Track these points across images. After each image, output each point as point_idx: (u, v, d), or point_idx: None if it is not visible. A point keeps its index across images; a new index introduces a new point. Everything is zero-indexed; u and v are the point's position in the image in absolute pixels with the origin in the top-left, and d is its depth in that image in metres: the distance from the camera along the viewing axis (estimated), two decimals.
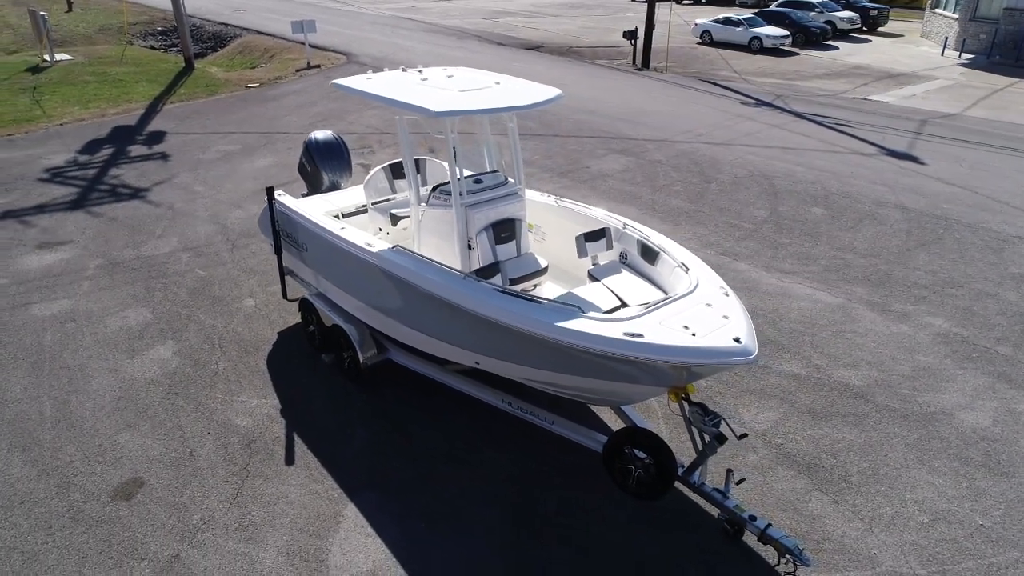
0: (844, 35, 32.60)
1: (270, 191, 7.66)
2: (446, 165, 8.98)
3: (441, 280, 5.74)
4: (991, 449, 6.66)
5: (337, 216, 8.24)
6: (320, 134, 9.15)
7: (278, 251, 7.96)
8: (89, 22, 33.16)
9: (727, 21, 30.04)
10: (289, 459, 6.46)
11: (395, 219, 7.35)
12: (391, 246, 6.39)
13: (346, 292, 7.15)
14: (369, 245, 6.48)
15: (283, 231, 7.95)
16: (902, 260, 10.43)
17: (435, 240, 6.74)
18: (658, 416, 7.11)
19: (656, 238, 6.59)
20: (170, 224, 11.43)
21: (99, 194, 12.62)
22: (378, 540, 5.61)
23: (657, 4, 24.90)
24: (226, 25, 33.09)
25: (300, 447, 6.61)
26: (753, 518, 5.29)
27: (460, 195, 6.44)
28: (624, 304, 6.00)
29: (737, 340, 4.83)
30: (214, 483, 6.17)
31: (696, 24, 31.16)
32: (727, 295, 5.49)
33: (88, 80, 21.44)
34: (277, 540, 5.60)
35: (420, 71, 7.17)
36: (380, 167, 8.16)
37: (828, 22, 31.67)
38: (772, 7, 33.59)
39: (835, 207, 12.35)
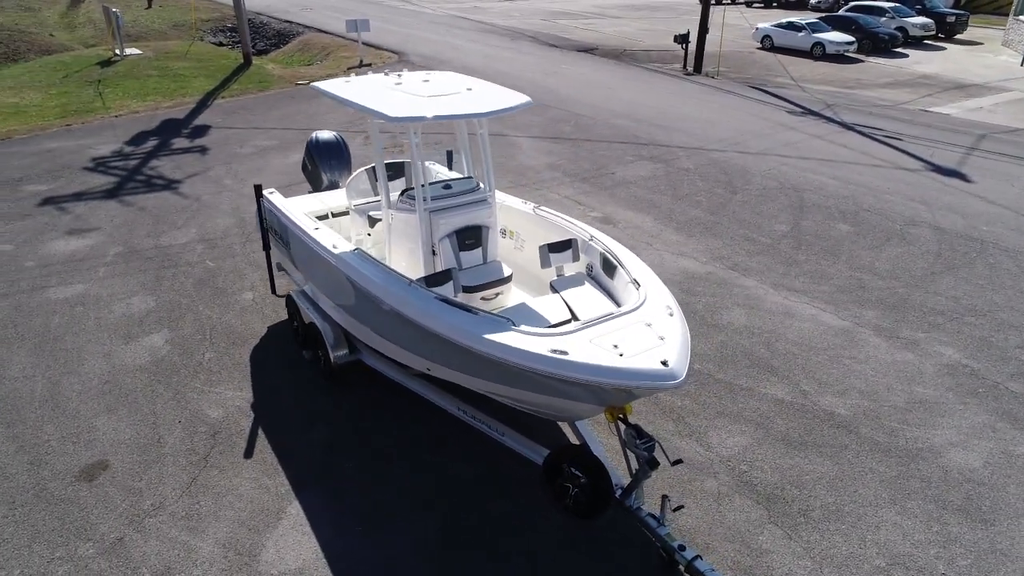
0: (917, 42, 31.06)
1: (258, 188, 7.86)
2: (434, 167, 9.01)
3: (385, 285, 5.77)
4: (975, 493, 6.22)
5: (327, 216, 8.40)
6: (322, 134, 9.33)
7: (266, 247, 8.16)
8: (165, 19, 34.75)
9: (789, 26, 29.06)
10: (248, 452, 6.61)
11: (372, 221, 7.42)
12: (352, 248, 6.46)
13: (320, 291, 7.28)
14: (334, 247, 6.57)
15: (271, 228, 8.14)
16: (924, 284, 9.86)
17: (402, 244, 6.77)
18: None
19: (619, 251, 6.43)
20: (193, 216, 11.86)
21: (134, 184, 13.21)
22: (313, 540, 5.68)
23: (718, 7, 24.31)
24: (290, 23, 34.12)
25: (261, 441, 6.76)
26: (683, 548, 5.10)
27: (424, 200, 6.44)
28: (574, 318, 5.89)
29: (664, 363, 4.67)
30: (173, 471, 6.37)
31: (757, 28, 30.27)
32: (671, 315, 5.31)
33: (151, 74, 22.47)
34: (217, 532, 5.73)
35: (399, 75, 7.21)
36: (363, 169, 8.24)
37: (899, 28, 30.22)
38: (841, 12, 32.31)
39: (863, 224, 11.78)
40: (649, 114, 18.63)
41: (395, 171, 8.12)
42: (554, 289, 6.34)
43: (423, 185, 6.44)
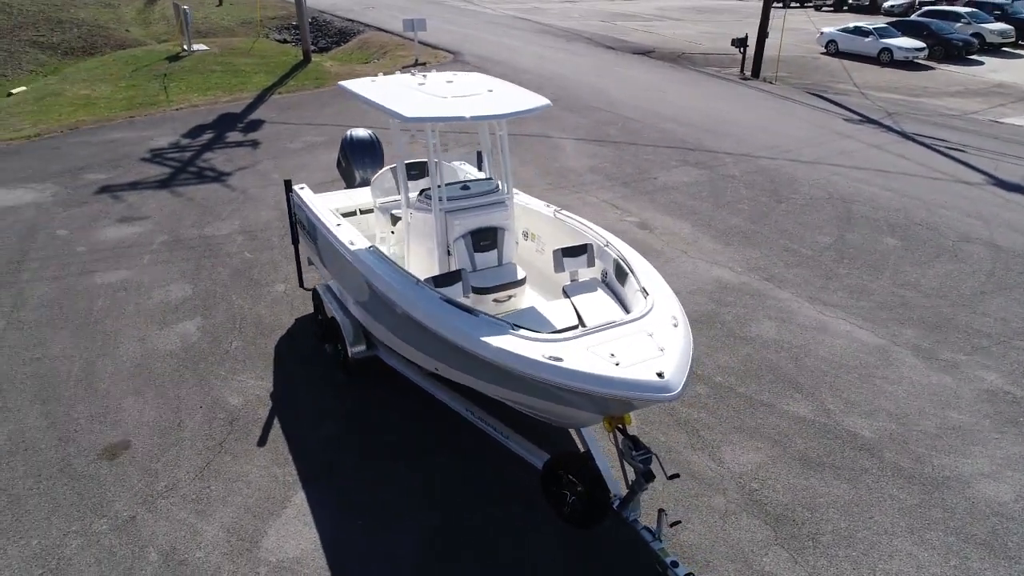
0: (995, 49, 29.58)
1: (287, 183, 8.05)
2: (463, 166, 9.05)
3: (392, 283, 5.82)
4: (1001, 528, 5.89)
5: (355, 213, 8.54)
6: (357, 132, 9.49)
7: (294, 241, 8.35)
8: (234, 16, 35.93)
9: (856, 31, 28.09)
10: (262, 441, 6.77)
11: (395, 219, 7.51)
12: (368, 246, 6.55)
13: (340, 286, 7.40)
14: (351, 243, 6.67)
15: (300, 223, 8.33)
16: (972, 304, 9.39)
17: (419, 244, 6.83)
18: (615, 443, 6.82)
19: (632, 258, 6.32)
20: (238, 208, 12.23)
21: (186, 175, 13.71)
22: (313, 530, 5.78)
23: (782, 10, 23.68)
24: (352, 21, 34.80)
25: (275, 431, 6.91)
26: (676, 564, 4.99)
27: (440, 200, 6.47)
28: (582, 324, 5.82)
29: (660, 375, 4.57)
30: (189, 454, 6.59)
31: (822, 33, 29.37)
32: (675, 326, 5.19)
33: (214, 70, 23.26)
34: (224, 516, 5.90)
35: (424, 76, 7.26)
36: (388, 167, 8.33)
37: (975, 34, 28.86)
38: (913, 16, 31.05)
39: (913, 239, 11.29)
40: (699, 119, 18.29)
41: (420, 170, 8.19)
42: (566, 294, 6.29)
43: (439, 185, 6.48)
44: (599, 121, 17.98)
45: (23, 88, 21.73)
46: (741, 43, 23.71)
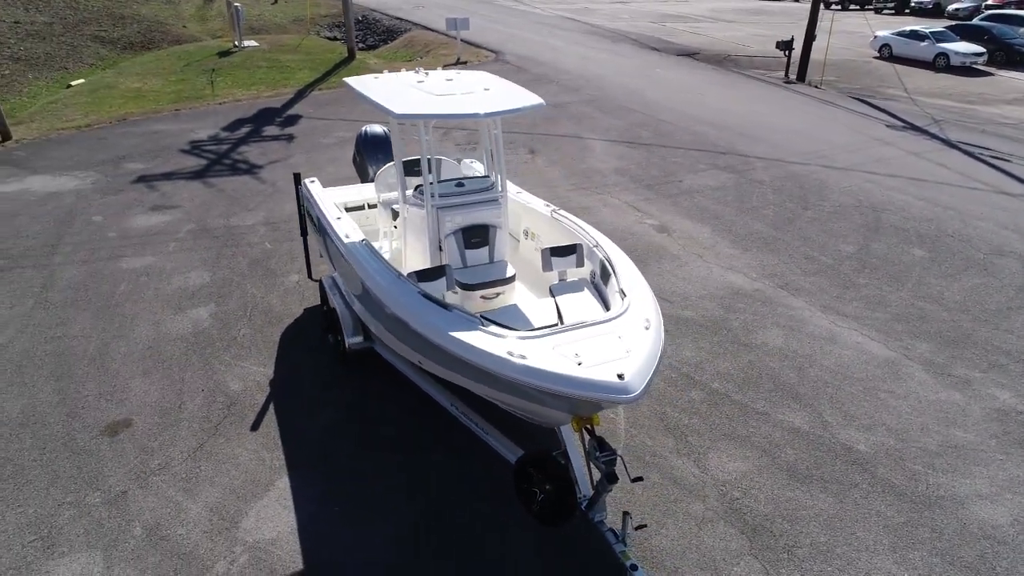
0: None
1: (296, 176, 8.26)
2: (473, 164, 9.11)
3: (375, 276, 5.93)
4: (991, 552, 5.66)
5: (363, 207, 8.70)
6: (372, 128, 9.65)
7: (303, 232, 8.56)
8: (287, 14, 36.85)
9: (912, 34, 27.15)
10: (255, 426, 6.98)
11: (396, 214, 7.63)
12: (361, 239, 6.68)
13: (341, 277, 7.56)
14: (346, 236, 6.81)
15: (310, 215, 8.54)
16: (995, 320, 9.02)
17: (414, 239, 6.93)
18: (620, 441, 6.80)
19: (617, 260, 6.29)
20: (265, 199, 12.58)
21: (220, 167, 14.16)
22: (292, 514, 5.94)
23: (840, 12, 23.06)
24: (401, 20, 35.30)
25: (270, 417, 7.11)
26: (635, 567, 4.96)
27: (432, 196, 6.55)
28: (561, 323, 5.82)
29: (620, 376, 4.55)
30: (185, 435, 6.83)
31: (876, 36, 28.48)
32: (647, 328, 5.15)
33: (261, 65, 23.92)
34: (209, 496, 6.11)
35: (426, 73, 7.35)
36: (391, 163, 8.45)
37: None
38: (975, 20, 29.84)
39: (941, 250, 10.89)
40: (735, 122, 17.97)
41: (407, 168, 8.29)
42: (552, 293, 6.30)
43: (432, 182, 6.56)
44: (632, 123, 17.84)
45: (82, 80, 22.74)
46: (786, 46, 23.17)
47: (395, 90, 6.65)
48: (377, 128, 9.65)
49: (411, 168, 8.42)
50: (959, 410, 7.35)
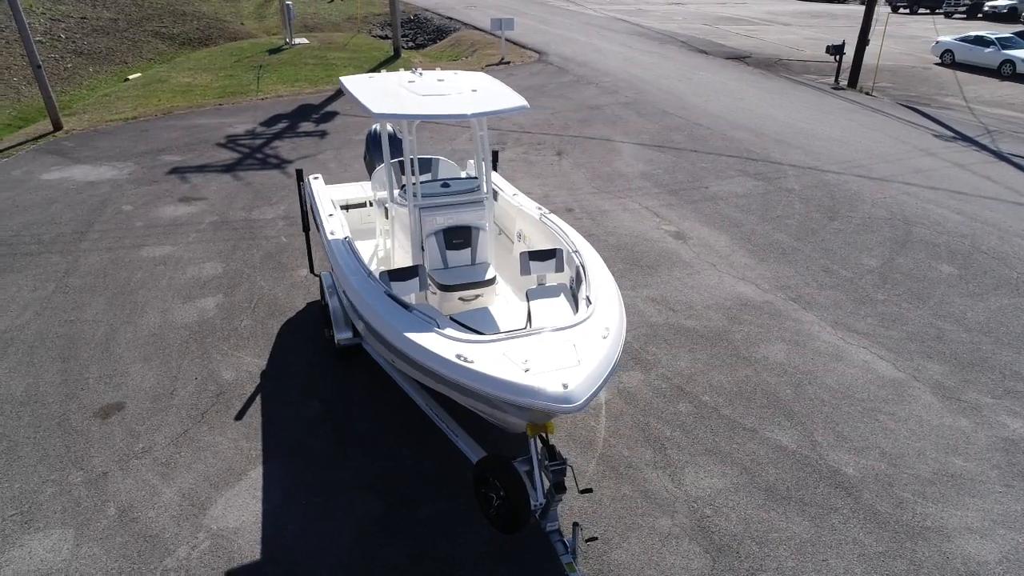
0: None
1: (299, 173, 8.40)
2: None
3: (347, 273, 5.98)
4: None
5: (364, 204, 8.79)
6: (380, 129, 9.73)
7: (305, 228, 8.71)
8: (341, 12, 37.59)
9: (977, 40, 25.92)
10: (239, 415, 7.13)
11: (387, 213, 7.68)
12: (344, 236, 6.74)
13: (332, 272, 7.66)
14: (332, 232, 6.89)
15: (312, 211, 8.68)
16: (1019, 343, 8.52)
17: (400, 237, 6.96)
18: (597, 450, 6.68)
19: (592, 267, 6.17)
20: (289, 194, 12.84)
21: (251, 161, 14.53)
22: (259, 504, 6.04)
23: (901, 16, 22.21)
24: (451, 19, 35.58)
25: (255, 407, 7.25)
26: None
27: (415, 196, 6.57)
28: (528, 328, 5.75)
29: (564, 386, 4.46)
30: (172, 421, 7.03)
31: (937, 42, 27.30)
32: (605, 338, 5.04)
33: (308, 62, 24.46)
34: (184, 481, 6.26)
35: (420, 73, 7.38)
36: (389, 163, 8.49)
37: None
38: None
39: (972, 267, 10.35)
40: (774, 128, 17.48)
41: (422, 167, 8.33)
42: (527, 298, 6.24)
43: (414, 182, 6.58)
44: (667, 126, 17.55)
45: (138, 74, 23.68)
46: (837, 50, 22.42)
47: (383, 89, 6.70)
48: (388, 127, 9.72)
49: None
50: (963, 437, 6.97)
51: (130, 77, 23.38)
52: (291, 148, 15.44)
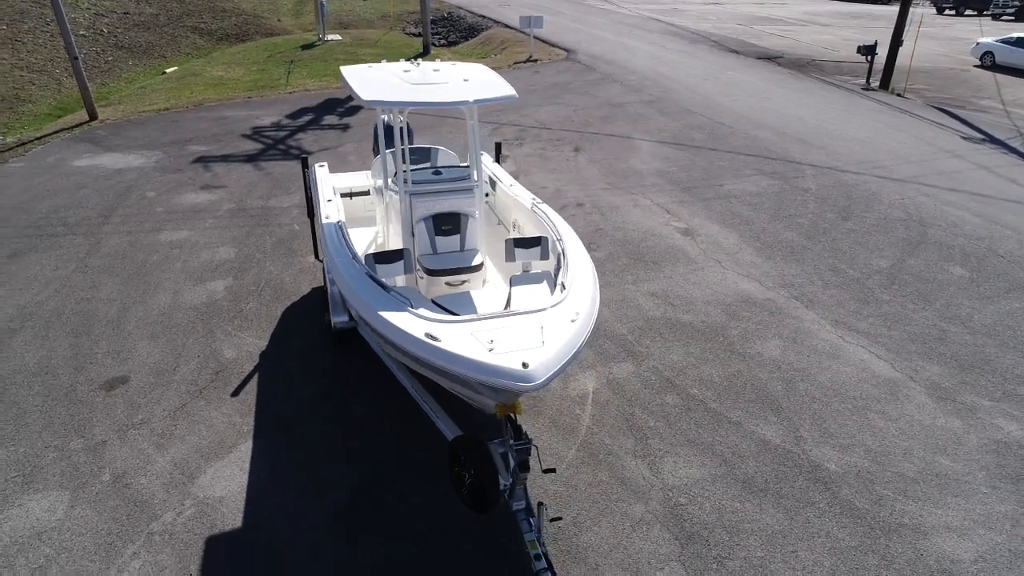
0: None
1: (304, 160, 8.64)
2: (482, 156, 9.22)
3: (333, 255, 6.16)
4: None
5: (367, 192, 8.99)
6: (390, 118, 9.93)
7: (310, 215, 8.94)
8: (375, 9, 38.07)
9: (1018, 42, 25.20)
10: (236, 392, 7.38)
11: (384, 200, 7.85)
12: (336, 221, 6.93)
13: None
14: (327, 217, 7.09)
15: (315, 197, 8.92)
16: None
17: (394, 223, 7.13)
18: (579, 437, 6.76)
19: (573, 255, 6.25)
20: None
21: (274, 152, 14.89)
22: (245, 476, 6.26)
23: (947, 18, 21.72)
24: (484, 18, 35.79)
25: (251, 385, 7.50)
26: (538, 557, 4.96)
27: (405, 183, 6.73)
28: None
29: (524, 365, 4.57)
30: (171, 395, 7.31)
31: (977, 43, 26.59)
32: (573, 321, 5.12)
33: (339, 58, 24.88)
34: (176, 452, 6.52)
35: (419, 63, 7.53)
36: (389, 151, 8.67)
37: None
38: None
39: (985, 270, 10.14)
40: (798, 128, 17.26)
41: (421, 155, 8.50)
42: (510, 283, 6.34)
43: (405, 170, 6.74)
44: (688, 125, 17.46)
45: (175, 68, 24.37)
46: (868, 51, 22.01)
47: (378, 78, 6.87)
48: (384, 117, 9.92)
49: (410, 157, 8.64)
50: (953, 438, 6.88)
51: (167, 71, 24.08)
52: (313, 140, 15.77)
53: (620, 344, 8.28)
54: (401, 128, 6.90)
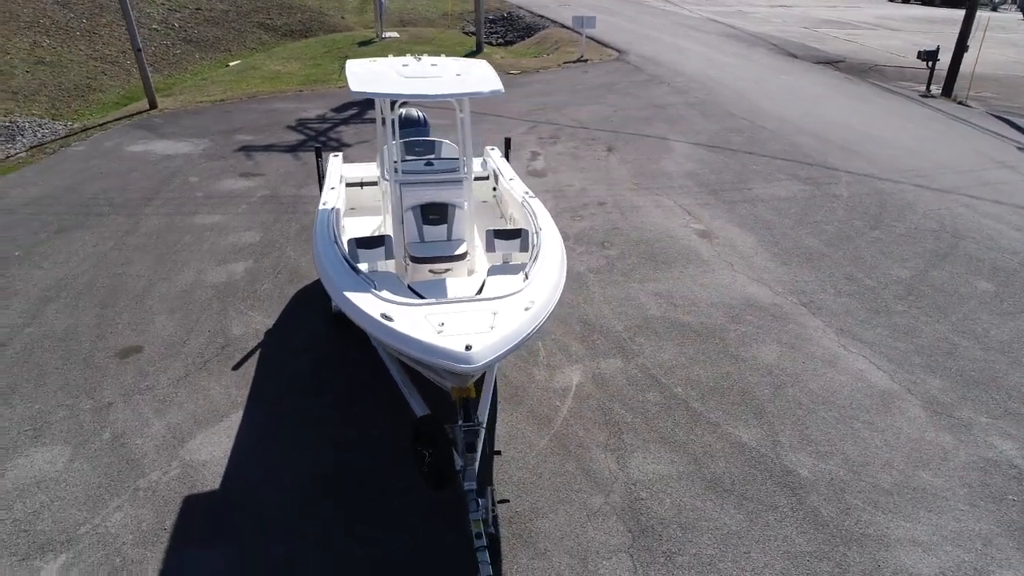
0: None
1: (318, 151, 9.02)
2: (492, 151, 9.42)
3: (316, 237, 6.46)
4: None
5: (377, 182, 9.31)
6: (407, 111, 10.24)
7: None
8: (436, 8, 38.73)
9: None
10: (237, 366, 7.79)
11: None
12: (331, 207, 7.25)
13: None
14: (325, 203, 7.42)
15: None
16: None
17: (388, 212, 7.39)
18: (554, 427, 6.88)
19: (545, 247, 6.36)
20: None
21: (314, 143, 15.45)
22: (231, 441, 6.65)
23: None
24: (542, 17, 35.93)
25: (252, 360, 7.90)
26: (479, 536, 5.12)
27: (396, 172, 6.98)
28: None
29: (467, 347, 4.74)
30: (178, 366, 7.78)
31: None
32: (527, 310, 5.26)
33: (392, 55, 25.45)
34: (172, 417, 6.96)
35: (418, 59, 7.79)
36: (395, 142, 8.94)
37: None
38: None
39: (1014, 286, 9.72)
40: (843, 135, 16.79)
41: (426, 147, 8.74)
42: (487, 274, 6.52)
43: (396, 160, 6.99)
44: (727, 128, 17.22)
45: (238, 62, 25.44)
46: (930, 56, 21.17)
47: (374, 72, 7.16)
48: (412, 111, 10.23)
49: (414, 149, 8.91)
50: (940, 453, 6.69)
51: (230, 64, 25.17)
52: (353, 133, 16.28)
53: (613, 341, 8.34)
54: (394, 120, 7.16)
